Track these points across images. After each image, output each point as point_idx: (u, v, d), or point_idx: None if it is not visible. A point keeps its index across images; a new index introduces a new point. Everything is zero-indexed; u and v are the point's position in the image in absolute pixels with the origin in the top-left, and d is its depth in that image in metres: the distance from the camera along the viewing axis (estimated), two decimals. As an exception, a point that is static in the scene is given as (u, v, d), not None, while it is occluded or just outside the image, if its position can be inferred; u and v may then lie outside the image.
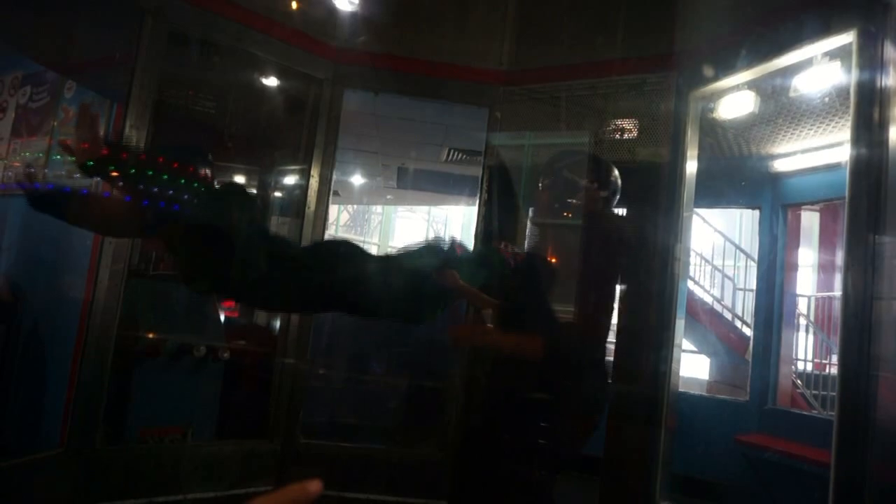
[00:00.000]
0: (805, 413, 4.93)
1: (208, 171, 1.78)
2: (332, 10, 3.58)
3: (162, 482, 3.03)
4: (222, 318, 4.17)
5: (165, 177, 1.62)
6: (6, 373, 3.59)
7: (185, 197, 1.65)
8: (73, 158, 1.52)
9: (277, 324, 4.03)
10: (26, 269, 3.75)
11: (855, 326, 2.17)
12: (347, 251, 1.93)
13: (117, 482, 2.89)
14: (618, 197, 2.27)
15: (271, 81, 3.77)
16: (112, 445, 3.01)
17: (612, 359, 3.60)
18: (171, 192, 1.62)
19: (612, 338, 3.21)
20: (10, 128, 4.16)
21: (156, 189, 1.59)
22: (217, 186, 1.86)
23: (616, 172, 2.25)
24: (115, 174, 1.56)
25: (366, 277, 1.91)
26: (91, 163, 1.54)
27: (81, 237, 3.40)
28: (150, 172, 1.61)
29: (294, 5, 3.40)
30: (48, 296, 3.60)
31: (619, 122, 3.39)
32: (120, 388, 3.23)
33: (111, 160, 1.54)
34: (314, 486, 0.57)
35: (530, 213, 2.57)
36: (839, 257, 2.40)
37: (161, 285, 3.89)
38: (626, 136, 3.39)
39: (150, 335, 3.41)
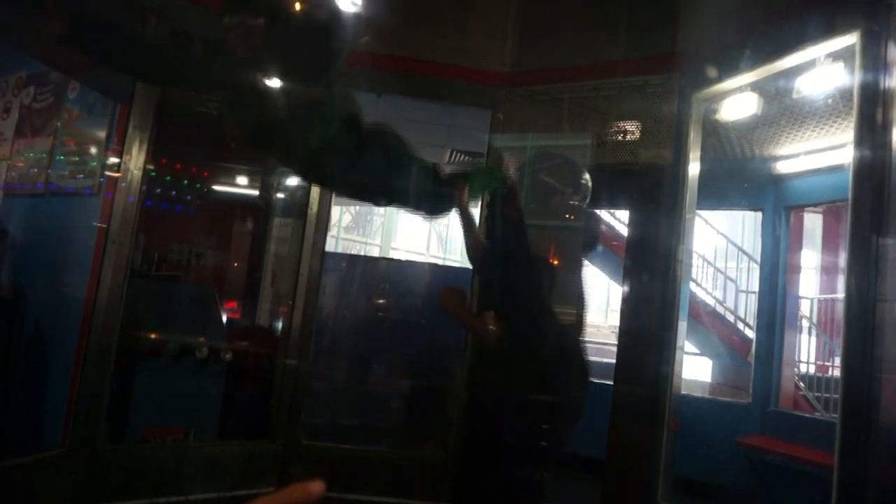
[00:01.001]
0: (808, 415, 4.91)
1: None
2: (335, 12, 3.57)
3: (164, 483, 3.03)
4: (224, 318, 4.18)
5: None
6: (8, 371, 3.59)
7: None
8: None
9: (279, 325, 4.03)
10: (29, 267, 3.76)
11: (858, 328, 2.16)
12: (398, 146, 2.27)
13: (119, 482, 2.89)
14: (588, 200, 2.42)
15: (275, 82, 3.77)
16: (114, 445, 3.02)
17: (614, 360, 3.60)
18: None
19: (614, 339, 3.21)
20: (14, 128, 4.17)
21: None
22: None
23: (587, 177, 2.37)
24: None
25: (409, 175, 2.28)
26: None
27: (85, 236, 3.41)
28: None
29: (297, 6, 3.40)
30: (51, 295, 3.61)
31: (621, 123, 3.39)
32: (122, 389, 3.23)
33: None
34: (316, 486, 0.56)
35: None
36: (842, 259, 2.40)
37: (163, 285, 3.90)
38: (628, 137, 3.39)
39: (153, 335, 3.41)
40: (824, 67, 2.66)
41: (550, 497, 2.26)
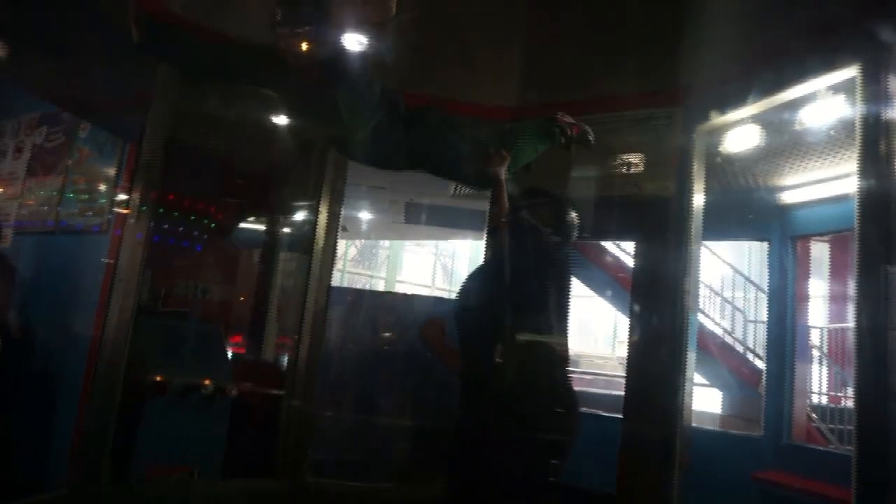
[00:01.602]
0: (822, 448, 4.83)
1: None
2: (341, 50, 3.64)
3: (168, 522, 2.99)
4: (230, 354, 4.16)
5: None
6: (16, 409, 3.58)
7: None
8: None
9: (285, 360, 4.01)
10: (38, 304, 3.78)
11: (870, 358, 2.13)
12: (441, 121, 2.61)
13: (123, 523, 2.85)
14: (573, 237, 2.44)
15: (281, 119, 3.83)
16: (118, 485, 2.98)
17: (622, 392, 3.56)
18: None
19: (622, 371, 3.18)
20: (26, 167, 4.24)
21: None
22: None
23: (573, 216, 2.37)
24: None
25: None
26: None
27: (93, 273, 3.43)
28: None
29: (304, 47, 3.47)
30: (59, 332, 3.62)
31: (626, 156, 3.42)
32: (127, 426, 3.21)
33: None
34: None
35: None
36: (851, 288, 2.39)
37: (170, 322, 3.90)
38: (633, 170, 3.41)
39: (158, 374, 3.40)
40: (826, 100, 2.68)
41: None
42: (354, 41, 2.49)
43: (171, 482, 3.26)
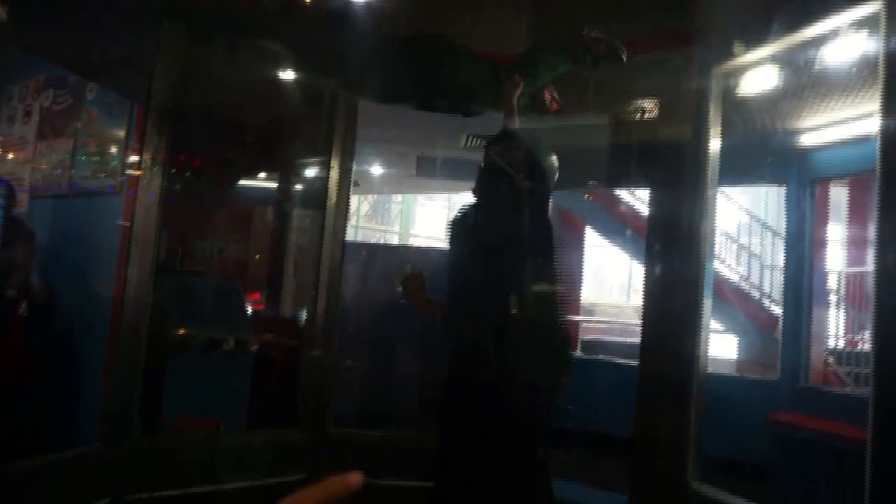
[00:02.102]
0: (838, 391, 4.86)
1: None
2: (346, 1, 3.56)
3: (197, 473, 3.09)
4: (249, 311, 4.23)
5: None
6: (44, 371, 3.67)
7: None
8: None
9: (304, 315, 4.07)
10: (58, 268, 3.83)
11: (888, 301, 2.12)
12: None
13: (154, 474, 2.95)
14: (550, 183, 2.38)
15: (289, 74, 3.78)
16: (148, 439, 3.07)
17: (638, 340, 3.58)
18: None
19: (637, 319, 3.18)
20: (36, 131, 4.23)
21: None
22: None
23: (551, 159, 2.32)
24: None
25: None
26: None
27: (109, 235, 3.46)
28: None
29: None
30: (80, 294, 3.68)
31: (640, 101, 3.34)
32: (153, 383, 3.29)
33: None
34: (355, 477, 0.54)
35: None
36: (870, 232, 2.35)
37: (188, 281, 3.95)
38: (647, 115, 3.34)
39: (180, 330, 3.46)
40: (848, 36, 2.58)
41: (558, 475, 2.31)
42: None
43: (198, 435, 3.36)
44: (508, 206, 2.27)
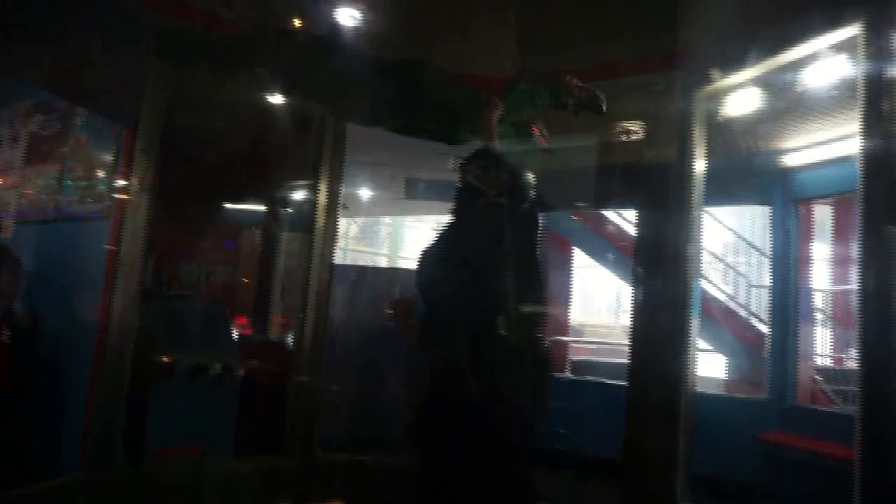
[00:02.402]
0: (826, 409, 4.86)
1: None
2: (335, 25, 3.60)
3: (183, 502, 3.04)
4: (235, 335, 4.19)
5: None
6: (28, 397, 3.61)
7: None
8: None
9: (290, 339, 4.04)
10: (43, 293, 3.79)
11: (874, 319, 2.14)
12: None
13: (139, 502, 2.90)
14: (526, 199, 2.36)
15: (277, 98, 3.80)
16: (131, 467, 3.02)
17: (626, 360, 3.58)
18: None
19: (626, 339, 3.19)
20: (23, 156, 4.21)
21: None
22: None
23: (527, 178, 2.35)
24: None
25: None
26: None
27: (96, 259, 3.43)
28: None
29: (297, 23, 3.43)
30: (65, 319, 3.63)
31: (625, 123, 3.39)
32: (137, 409, 3.24)
33: None
34: None
35: None
36: (854, 250, 2.39)
37: (175, 305, 3.92)
38: (633, 137, 3.38)
39: (165, 356, 3.42)
40: (828, 60, 2.64)
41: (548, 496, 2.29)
42: (347, 16, 2.47)
43: (183, 462, 3.31)
44: (482, 223, 2.28)
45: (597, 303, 13.66)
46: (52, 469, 3.36)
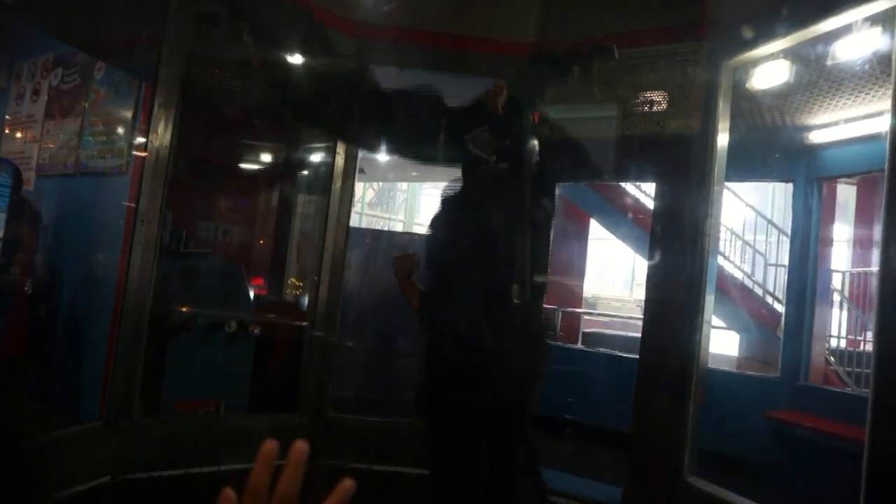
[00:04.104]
0: (838, 390, 4.85)
1: None
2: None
3: (197, 454, 3.11)
4: (252, 294, 4.24)
5: None
6: (48, 350, 3.70)
7: None
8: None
9: (306, 300, 4.08)
10: (63, 248, 3.85)
11: (892, 303, 2.11)
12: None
13: (155, 454, 2.97)
14: (528, 163, 2.35)
15: (297, 59, 3.77)
16: (149, 418, 3.10)
17: (639, 334, 3.58)
18: None
19: (639, 313, 3.17)
20: (44, 110, 4.23)
21: None
22: None
23: (530, 143, 2.33)
24: None
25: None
26: None
27: (115, 216, 3.47)
28: None
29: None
30: (84, 275, 3.69)
31: (649, 93, 3.32)
32: (155, 363, 3.31)
33: None
34: (347, 484, 0.63)
35: None
36: (876, 232, 2.34)
37: (192, 262, 3.96)
38: (655, 108, 3.32)
39: (183, 309, 3.48)
40: (861, 32, 2.56)
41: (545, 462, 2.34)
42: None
43: (198, 415, 3.38)
44: (483, 190, 2.28)
45: (611, 276, 13.62)
46: (70, 420, 3.45)
